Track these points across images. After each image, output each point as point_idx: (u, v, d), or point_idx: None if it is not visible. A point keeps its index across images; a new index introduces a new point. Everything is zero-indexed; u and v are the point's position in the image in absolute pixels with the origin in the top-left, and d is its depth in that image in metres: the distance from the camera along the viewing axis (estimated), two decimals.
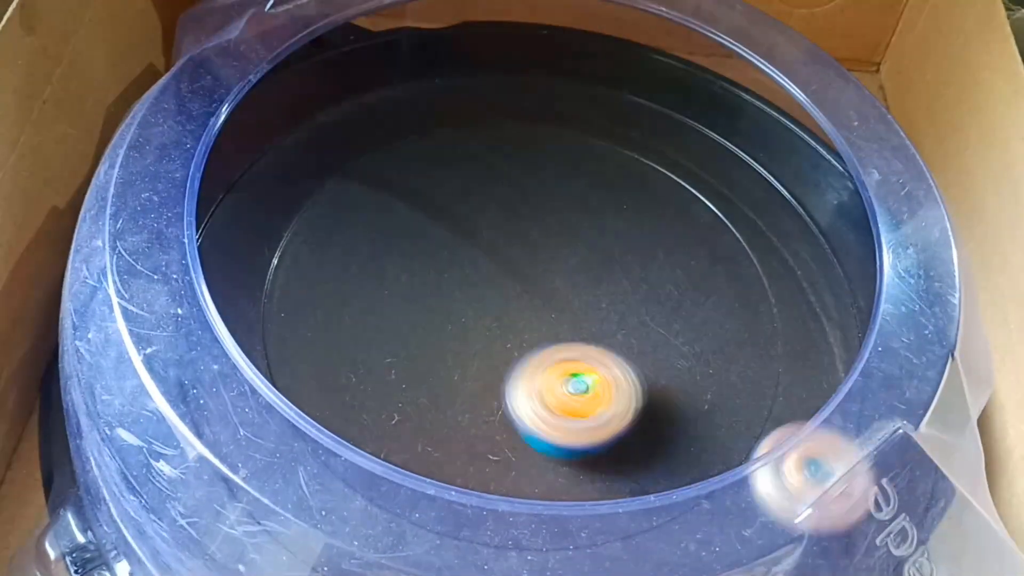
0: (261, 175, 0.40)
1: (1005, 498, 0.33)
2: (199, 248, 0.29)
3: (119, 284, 0.28)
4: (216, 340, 0.27)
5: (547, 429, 0.31)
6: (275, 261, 0.37)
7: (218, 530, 0.24)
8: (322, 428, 0.25)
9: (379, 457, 0.25)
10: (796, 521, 0.25)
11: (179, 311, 0.27)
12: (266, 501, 0.24)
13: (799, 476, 0.27)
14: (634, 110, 0.45)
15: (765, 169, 0.43)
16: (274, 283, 0.37)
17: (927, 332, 0.30)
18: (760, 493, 0.26)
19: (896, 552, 0.26)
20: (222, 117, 0.32)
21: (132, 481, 0.25)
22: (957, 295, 0.31)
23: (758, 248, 0.41)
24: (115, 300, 0.27)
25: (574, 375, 0.32)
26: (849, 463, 0.27)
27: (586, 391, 0.32)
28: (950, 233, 0.33)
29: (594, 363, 0.32)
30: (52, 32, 0.36)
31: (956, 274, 0.32)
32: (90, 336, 0.27)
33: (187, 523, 0.25)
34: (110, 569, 0.28)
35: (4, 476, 0.36)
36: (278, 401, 0.26)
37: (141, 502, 0.25)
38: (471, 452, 0.33)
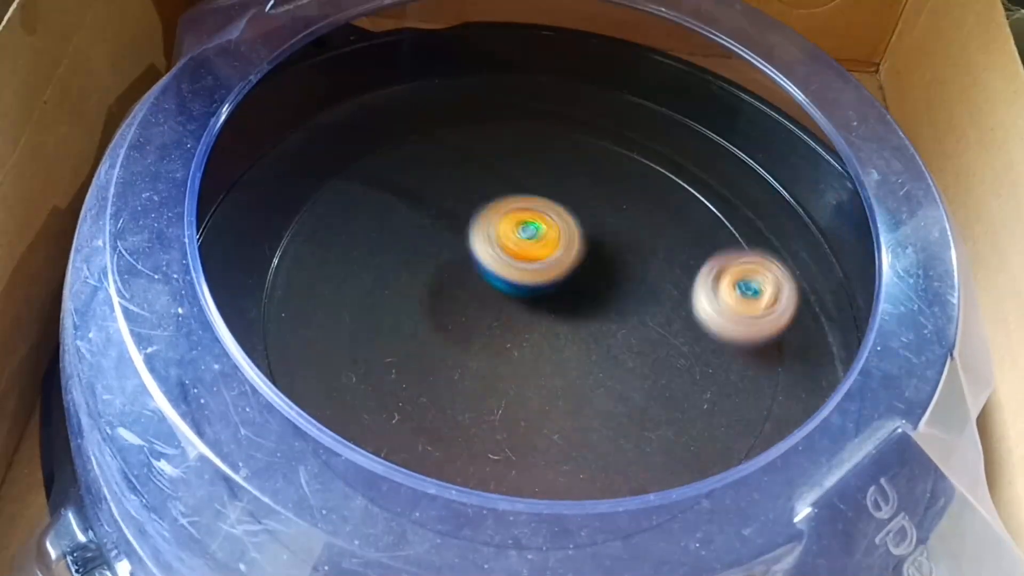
0: (261, 175, 0.40)
1: (1004, 497, 0.33)
2: (200, 248, 0.29)
3: (120, 284, 0.28)
4: (217, 340, 0.27)
5: (503, 269, 0.35)
6: (275, 261, 0.37)
7: (219, 529, 0.24)
8: (323, 427, 0.25)
9: (379, 456, 0.25)
10: (795, 520, 0.26)
11: (180, 311, 0.27)
12: (267, 500, 0.24)
13: (732, 294, 0.34)
14: (634, 110, 0.45)
15: (764, 169, 0.43)
16: (274, 283, 0.37)
17: (926, 332, 0.30)
18: (699, 312, 0.34)
19: (895, 551, 0.26)
20: (223, 117, 0.32)
21: (133, 480, 0.25)
22: (956, 295, 0.31)
23: (757, 248, 0.41)
24: (116, 300, 0.27)
25: (526, 223, 0.36)
26: (776, 283, 0.34)
27: (535, 236, 0.35)
28: (949, 233, 0.33)
29: (544, 212, 0.36)
30: (53, 32, 0.36)
31: (955, 274, 0.32)
32: (91, 336, 0.27)
33: (188, 522, 0.25)
34: (111, 568, 0.28)
35: (5, 476, 0.36)
36: (279, 400, 0.26)
37: (142, 501, 0.25)
38: (471, 452, 0.33)
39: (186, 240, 0.29)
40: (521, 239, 0.35)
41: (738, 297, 0.34)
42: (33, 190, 0.35)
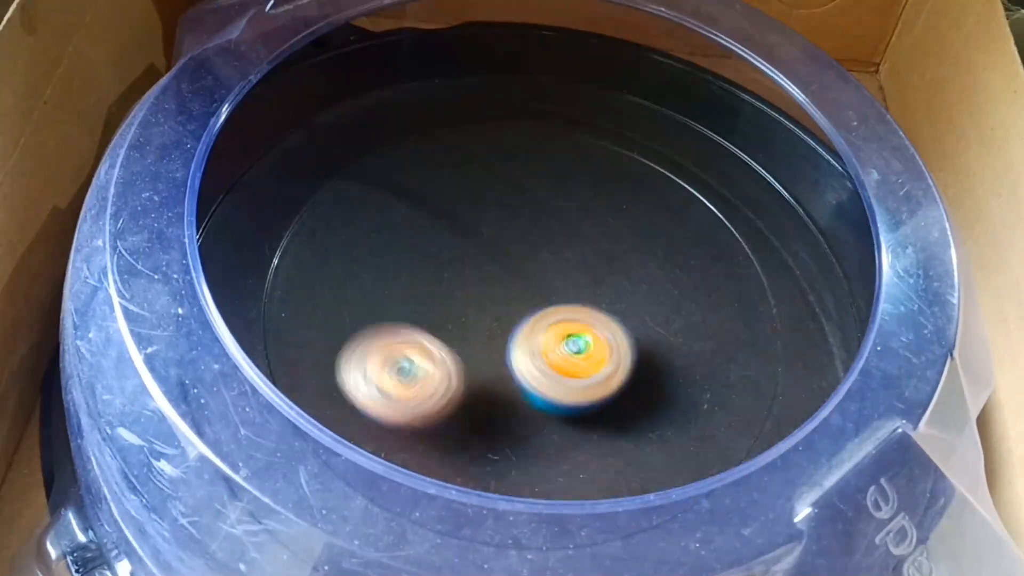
0: (261, 175, 0.40)
1: (1004, 497, 0.33)
2: (200, 248, 0.29)
3: (120, 284, 0.28)
4: (217, 340, 0.27)
5: (547, 387, 0.32)
6: (275, 261, 0.37)
7: (219, 529, 0.24)
8: (323, 427, 0.25)
9: (379, 456, 0.25)
10: (795, 520, 0.26)
11: (180, 311, 0.27)
12: (267, 500, 0.24)
13: (391, 378, 0.30)
14: (634, 110, 0.45)
15: (765, 169, 0.43)
16: (274, 283, 0.37)
17: (926, 332, 0.30)
18: (358, 403, 0.30)
19: (895, 551, 0.26)
20: (222, 117, 0.32)
21: (133, 480, 0.25)
22: (956, 295, 0.31)
23: (758, 248, 0.41)
24: (116, 300, 0.27)
25: (571, 335, 0.33)
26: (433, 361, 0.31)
27: (582, 351, 0.33)
28: (949, 233, 0.33)
29: (589, 323, 0.33)
30: (53, 32, 0.36)
31: (955, 274, 0.32)
32: (91, 336, 0.27)
33: (188, 522, 0.25)
34: (111, 568, 0.28)
35: (5, 476, 0.36)
36: (279, 400, 0.26)
37: (142, 501, 0.25)
38: (471, 451, 0.33)
39: (186, 240, 0.29)
40: (567, 354, 0.32)
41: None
42: (33, 190, 0.35)
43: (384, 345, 0.31)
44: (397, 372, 0.31)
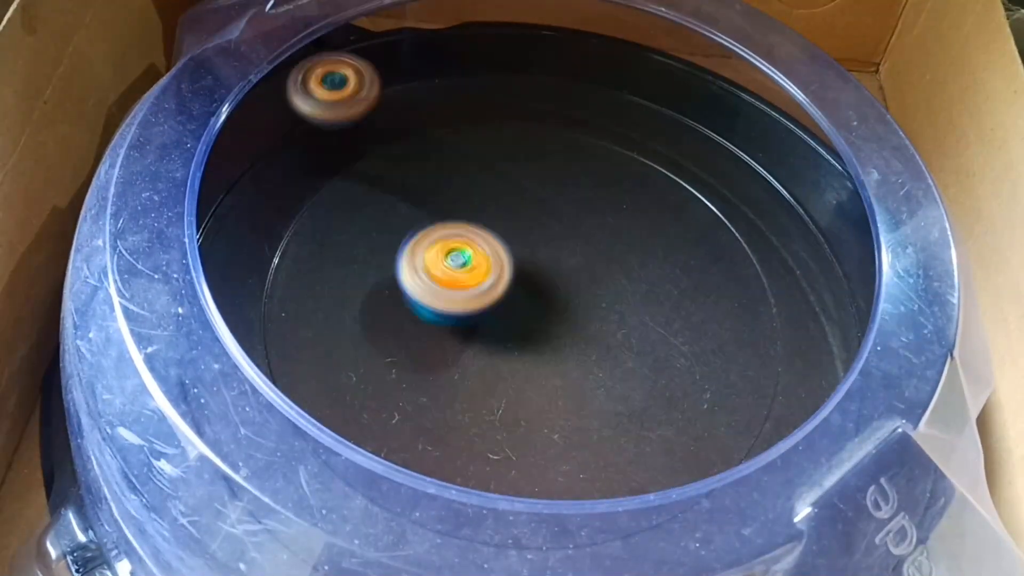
0: (261, 175, 0.40)
1: (1004, 497, 0.33)
2: (200, 248, 0.29)
3: (120, 283, 0.28)
4: (217, 339, 0.27)
5: (430, 298, 0.33)
6: (275, 261, 0.37)
7: (219, 529, 0.24)
8: (323, 427, 0.25)
9: (379, 456, 0.25)
10: (795, 520, 0.26)
11: (180, 310, 0.27)
12: (267, 500, 0.24)
13: (320, 88, 0.38)
14: (634, 110, 0.45)
15: (765, 169, 0.43)
16: (274, 283, 0.37)
17: (926, 331, 0.30)
18: (297, 108, 0.38)
19: (895, 551, 0.26)
20: (223, 117, 0.32)
21: (133, 480, 0.25)
22: (956, 295, 0.31)
23: (758, 248, 0.41)
24: (116, 299, 0.27)
25: (454, 250, 0.34)
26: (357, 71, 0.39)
27: (464, 265, 0.34)
28: (949, 233, 0.33)
29: (472, 239, 0.35)
30: (53, 32, 0.36)
31: (955, 274, 0.32)
32: (91, 335, 0.27)
33: (188, 522, 0.25)
34: (111, 568, 0.28)
35: (5, 475, 0.36)
36: (279, 400, 0.26)
37: (142, 501, 0.25)
38: (471, 451, 0.33)
39: (186, 240, 0.29)
40: (450, 268, 0.34)
41: (325, 89, 0.39)
42: (33, 190, 0.35)
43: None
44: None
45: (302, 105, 0.38)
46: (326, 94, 0.38)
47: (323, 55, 0.39)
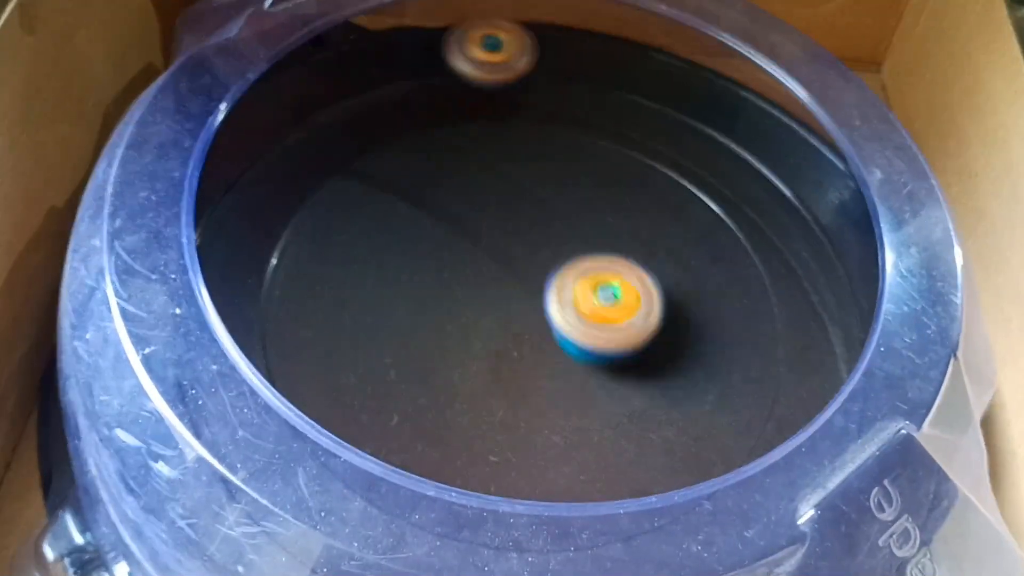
0: (260, 175, 0.40)
1: (1008, 498, 0.33)
2: (198, 248, 0.29)
3: (117, 284, 0.27)
4: (215, 340, 0.27)
5: (580, 336, 0.33)
6: (275, 261, 0.37)
7: (217, 531, 0.24)
8: (321, 429, 0.25)
9: (379, 458, 0.25)
10: (798, 522, 0.25)
11: (178, 311, 0.27)
12: (265, 502, 0.24)
13: (479, 50, 0.40)
14: (635, 109, 0.45)
15: (766, 168, 0.43)
16: (274, 283, 0.37)
17: (929, 332, 0.30)
18: (455, 67, 0.41)
19: (899, 553, 0.26)
20: (221, 116, 0.32)
21: (131, 482, 0.25)
22: (959, 295, 0.31)
23: (759, 248, 0.41)
24: (113, 300, 0.27)
25: (602, 284, 0.34)
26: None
27: (615, 299, 0.33)
28: (952, 233, 0.33)
29: (620, 272, 0.34)
30: (51, 32, 0.35)
31: (958, 274, 0.32)
32: (88, 336, 0.27)
33: (186, 524, 0.25)
34: (109, 570, 0.28)
35: (3, 476, 0.36)
36: (277, 402, 0.26)
37: (140, 503, 0.25)
38: (471, 452, 0.33)
39: (184, 240, 0.29)
40: (598, 303, 0.33)
41: (484, 51, 0.41)
42: (31, 189, 0.35)
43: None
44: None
45: (459, 64, 0.41)
46: (484, 55, 0.41)
47: (484, 19, 0.42)
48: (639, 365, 0.36)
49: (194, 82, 0.33)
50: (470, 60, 0.41)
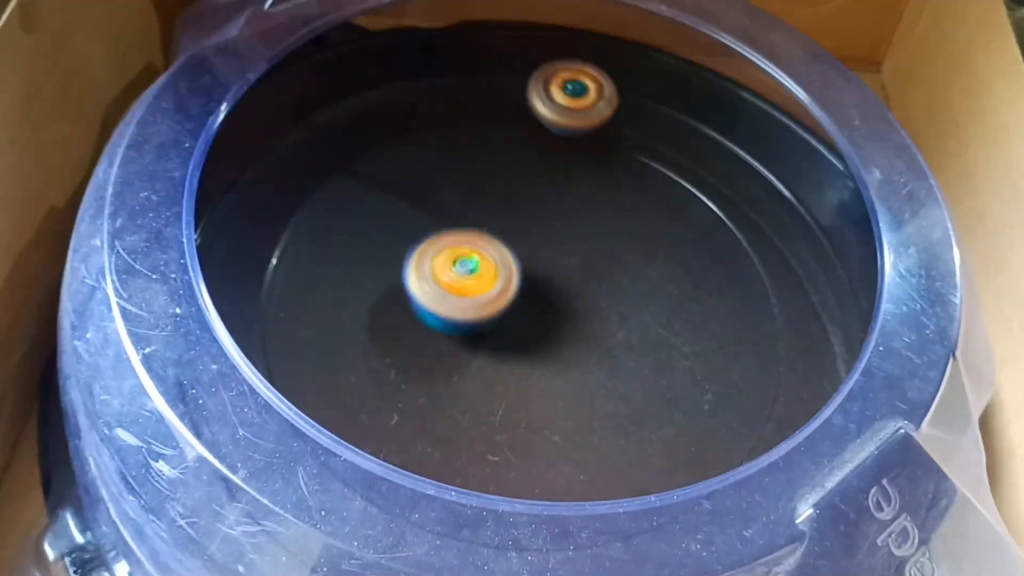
0: (260, 175, 0.40)
1: (1007, 498, 0.33)
2: (198, 248, 0.29)
3: (118, 283, 0.27)
4: (215, 340, 0.27)
5: (438, 306, 0.33)
6: (275, 261, 0.37)
7: (217, 530, 0.24)
8: (321, 428, 0.25)
9: (378, 457, 0.25)
10: (797, 521, 0.25)
11: (178, 311, 0.27)
12: (265, 501, 0.24)
13: (561, 94, 0.41)
14: (635, 109, 0.45)
15: (766, 168, 0.43)
16: (274, 283, 0.37)
17: (928, 332, 0.30)
18: (536, 111, 0.41)
19: (897, 552, 0.26)
20: (221, 116, 0.32)
21: (131, 481, 0.25)
22: (958, 295, 0.31)
23: (759, 247, 0.41)
24: (114, 300, 0.27)
25: (461, 258, 0.34)
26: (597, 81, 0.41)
27: (472, 272, 0.34)
28: (951, 233, 0.33)
29: (479, 246, 0.35)
30: (51, 32, 0.35)
31: (957, 274, 0.32)
32: (89, 336, 0.27)
33: (186, 523, 0.25)
34: (109, 570, 0.28)
35: (3, 476, 0.36)
36: (277, 401, 0.26)
37: (140, 502, 0.25)
38: (471, 453, 0.33)
39: (184, 240, 0.29)
40: (458, 275, 0.34)
41: (567, 96, 0.41)
42: (31, 190, 0.35)
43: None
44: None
45: (541, 109, 0.41)
46: (566, 100, 0.41)
47: (566, 61, 0.42)
48: (639, 365, 0.36)
49: (194, 82, 0.33)
50: (553, 105, 0.41)
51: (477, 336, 0.36)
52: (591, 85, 0.41)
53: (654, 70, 0.46)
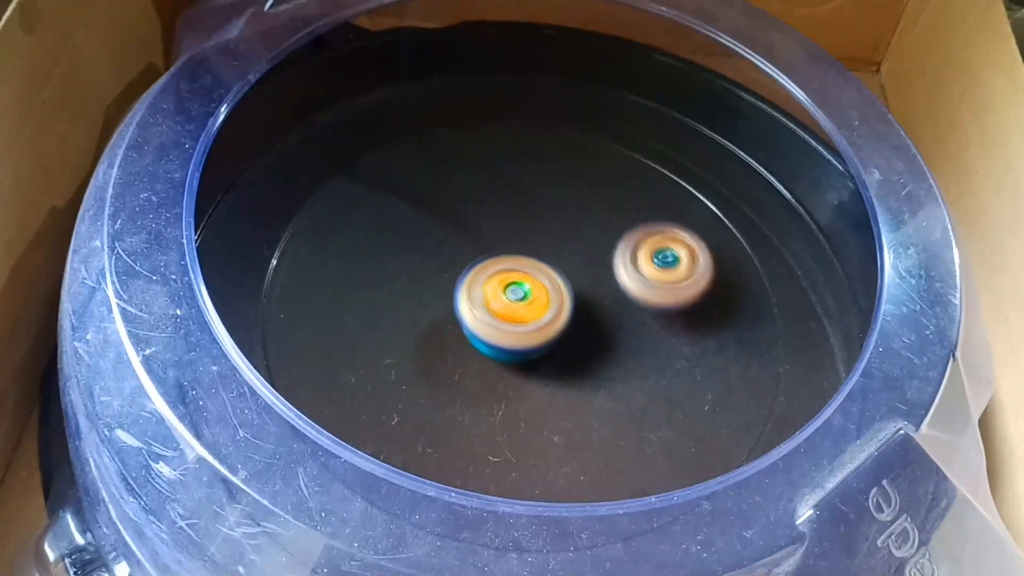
0: (261, 175, 0.40)
1: (1006, 498, 0.33)
2: (198, 248, 0.29)
3: (118, 285, 0.27)
4: (215, 341, 0.27)
5: (490, 333, 0.33)
6: (275, 261, 0.37)
7: (217, 532, 0.24)
8: (321, 429, 0.25)
9: (379, 458, 0.25)
10: (797, 522, 0.25)
11: (178, 312, 0.27)
12: (265, 502, 0.24)
13: (650, 266, 0.36)
14: (635, 109, 0.45)
15: (765, 169, 0.43)
16: (274, 283, 0.37)
17: (928, 332, 0.30)
18: (624, 285, 0.36)
19: (897, 553, 0.26)
20: (221, 117, 0.32)
21: (131, 482, 0.25)
22: (958, 295, 0.31)
23: (759, 248, 0.41)
24: (114, 301, 0.27)
25: (512, 284, 0.34)
26: (690, 250, 0.37)
27: (524, 298, 0.34)
28: (951, 233, 0.33)
29: (530, 271, 0.35)
30: (52, 32, 0.35)
31: (957, 274, 0.32)
32: (89, 337, 0.27)
33: (186, 525, 0.25)
34: (109, 571, 0.28)
35: (4, 476, 0.36)
36: (277, 402, 0.26)
37: (140, 503, 0.25)
38: (471, 453, 0.33)
39: (184, 241, 0.29)
40: (509, 301, 0.34)
41: (656, 268, 0.37)
42: (32, 190, 0.35)
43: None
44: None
45: (628, 282, 0.36)
46: (655, 272, 0.36)
47: (659, 225, 0.37)
48: (639, 365, 0.36)
49: (195, 83, 0.33)
50: (641, 278, 0.36)
51: (530, 363, 0.35)
52: (683, 254, 0.37)
53: (654, 70, 0.46)
